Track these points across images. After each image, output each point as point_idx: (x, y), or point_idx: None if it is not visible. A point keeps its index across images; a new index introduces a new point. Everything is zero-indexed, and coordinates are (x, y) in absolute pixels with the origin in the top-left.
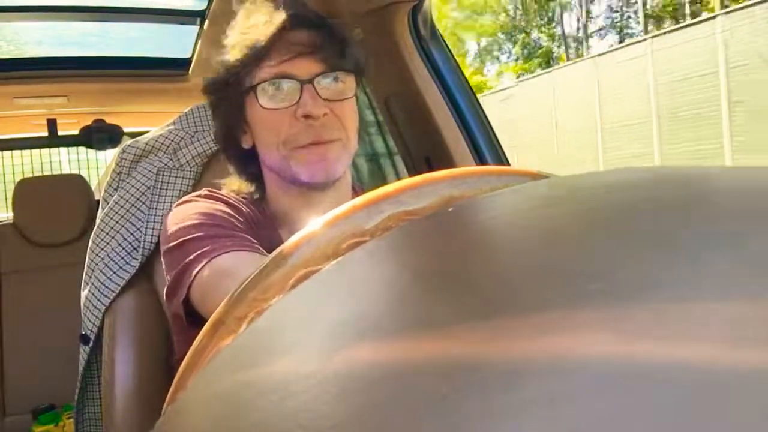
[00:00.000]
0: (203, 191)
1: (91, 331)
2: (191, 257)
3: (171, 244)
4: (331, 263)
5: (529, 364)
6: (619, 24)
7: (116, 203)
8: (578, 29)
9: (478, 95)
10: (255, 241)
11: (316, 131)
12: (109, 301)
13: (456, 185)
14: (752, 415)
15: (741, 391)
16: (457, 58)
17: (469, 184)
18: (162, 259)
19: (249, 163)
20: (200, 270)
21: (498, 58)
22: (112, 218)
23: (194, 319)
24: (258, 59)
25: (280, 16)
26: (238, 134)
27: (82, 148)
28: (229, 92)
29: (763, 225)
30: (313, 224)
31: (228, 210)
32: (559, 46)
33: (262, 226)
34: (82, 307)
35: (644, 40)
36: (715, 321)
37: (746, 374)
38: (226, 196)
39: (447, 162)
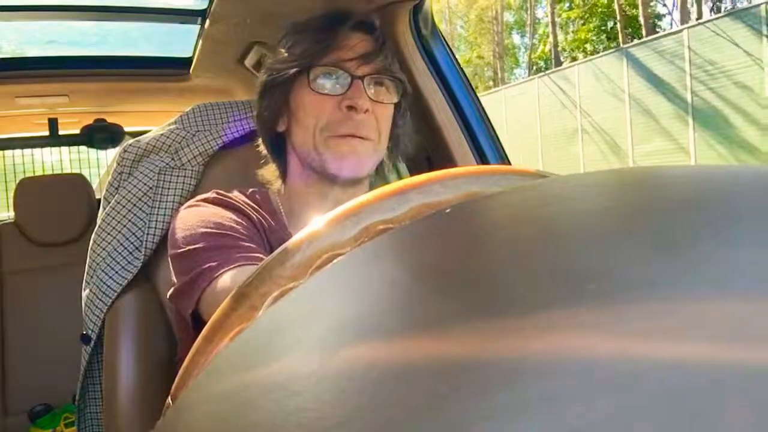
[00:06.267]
0: (211, 194)
1: (93, 331)
2: (198, 270)
3: (178, 251)
4: (338, 258)
5: (528, 364)
6: None
7: (117, 203)
8: None
9: None
10: (261, 250)
11: (354, 124)
12: (111, 300)
13: (480, 182)
14: (749, 414)
15: (739, 390)
16: None
17: (491, 182)
18: (169, 261)
19: (278, 148)
20: (208, 286)
21: None
22: (113, 218)
23: (200, 326)
24: (320, 46)
25: (347, 17)
26: (277, 116)
27: (83, 148)
28: (283, 72)
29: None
30: (341, 208)
31: (235, 217)
32: None
33: (272, 230)
34: (83, 307)
35: None
36: (714, 321)
37: (744, 374)
38: (235, 201)
39: (448, 162)
